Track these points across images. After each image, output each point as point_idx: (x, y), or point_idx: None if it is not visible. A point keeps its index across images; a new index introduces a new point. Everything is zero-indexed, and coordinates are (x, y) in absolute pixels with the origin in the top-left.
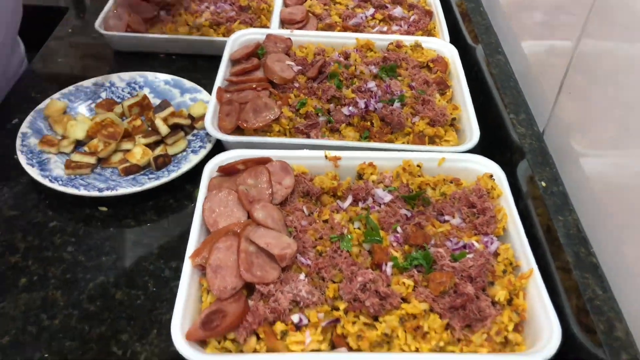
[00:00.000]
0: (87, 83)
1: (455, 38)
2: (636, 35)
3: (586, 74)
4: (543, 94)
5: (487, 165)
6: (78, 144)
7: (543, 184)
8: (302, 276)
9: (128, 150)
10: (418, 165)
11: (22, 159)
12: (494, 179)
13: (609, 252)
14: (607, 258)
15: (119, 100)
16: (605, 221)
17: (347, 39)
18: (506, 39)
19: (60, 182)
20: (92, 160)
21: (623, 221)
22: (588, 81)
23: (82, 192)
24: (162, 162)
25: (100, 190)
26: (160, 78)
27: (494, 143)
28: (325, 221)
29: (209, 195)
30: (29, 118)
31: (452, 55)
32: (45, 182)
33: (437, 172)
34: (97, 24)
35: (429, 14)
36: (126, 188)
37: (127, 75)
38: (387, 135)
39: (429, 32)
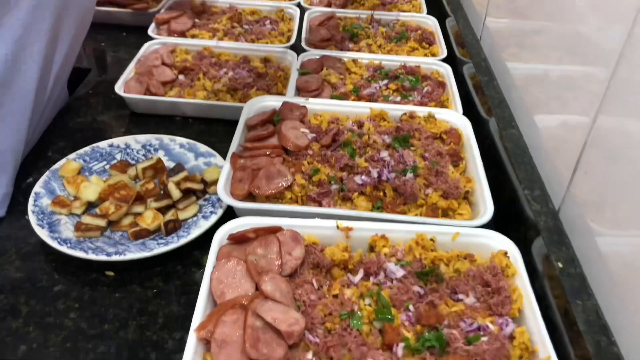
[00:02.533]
0: (103, 144)
1: (469, 110)
2: None
3: (602, 151)
4: (558, 170)
5: (501, 242)
6: (90, 206)
7: (560, 264)
8: (309, 355)
9: (139, 214)
10: (431, 239)
11: (33, 220)
12: (508, 257)
13: (632, 341)
14: (630, 348)
15: (133, 162)
16: (626, 307)
17: (361, 108)
18: (520, 112)
19: (69, 245)
20: (102, 223)
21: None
22: (604, 158)
23: (90, 256)
24: (172, 227)
25: (108, 254)
26: (176, 141)
27: (508, 218)
28: (335, 296)
29: (218, 265)
30: (43, 178)
31: (465, 127)
32: (54, 244)
33: (451, 247)
34: (117, 86)
35: (442, 85)
36: (134, 253)
37: (142, 138)
38: (399, 206)
39: (442, 104)
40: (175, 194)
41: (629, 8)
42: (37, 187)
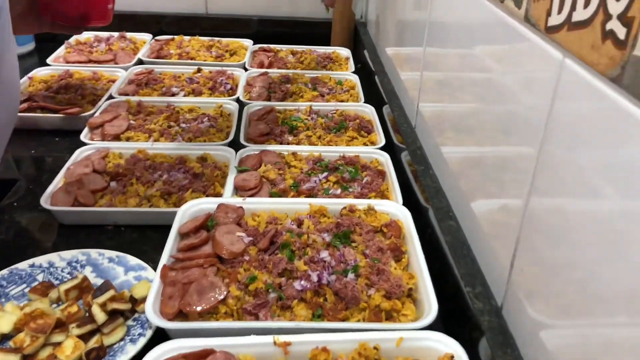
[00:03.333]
0: (23, 265)
1: (409, 198)
2: (583, 191)
3: (539, 235)
4: (498, 261)
5: (448, 345)
6: (4, 337)
7: None
8: None
9: (58, 344)
10: (375, 348)
11: None
12: None
13: None
14: None
15: (57, 282)
16: None
17: (301, 205)
18: (457, 201)
19: None
20: (15, 359)
21: None
22: (542, 243)
23: None
24: (96, 357)
25: None
26: (105, 255)
27: (453, 315)
28: None
29: None
30: None
31: (405, 218)
32: None
33: (396, 353)
34: (43, 199)
35: (382, 174)
36: None
37: (68, 254)
38: (341, 311)
39: (382, 193)
40: (100, 317)
41: (548, 83)
42: None
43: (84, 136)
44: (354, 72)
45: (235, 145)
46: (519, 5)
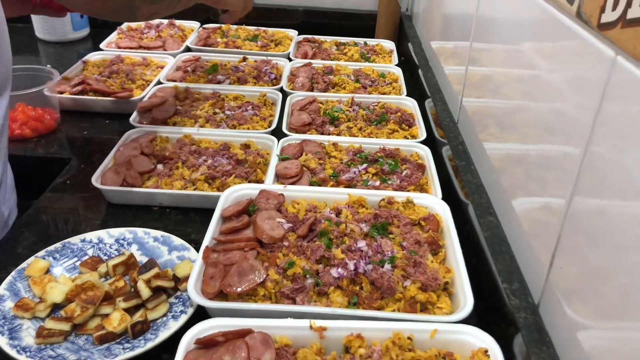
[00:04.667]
0: (75, 239)
1: (448, 193)
2: (630, 193)
3: (581, 236)
4: (536, 259)
5: (482, 339)
6: (56, 307)
7: None
8: None
9: (106, 315)
10: (409, 338)
11: None
12: (489, 355)
13: None
14: None
15: (105, 257)
16: None
17: (340, 195)
18: (497, 198)
19: (28, 354)
20: (66, 327)
21: None
22: (583, 244)
23: None
24: (140, 329)
25: None
26: (150, 234)
27: (489, 311)
28: None
29: None
30: (8, 279)
31: (444, 212)
32: (13, 352)
33: (430, 344)
34: (94, 178)
35: (422, 168)
36: None
37: (116, 232)
38: (376, 300)
39: (422, 187)
40: (145, 293)
41: (598, 82)
42: (1, 290)
43: (133, 119)
44: (397, 65)
45: (278, 133)
46: (571, 1)
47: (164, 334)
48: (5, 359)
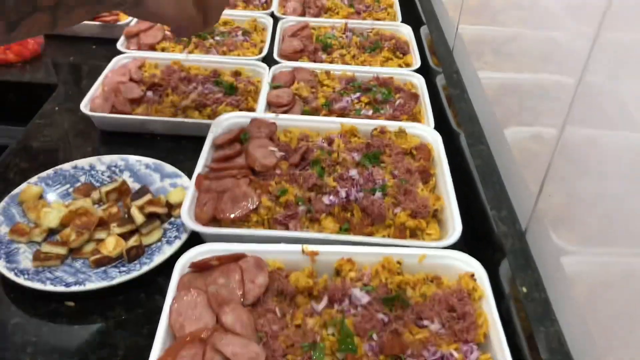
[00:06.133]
0: (67, 166)
1: (441, 123)
2: (621, 123)
3: (570, 165)
4: (526, 188)
5: (469, 264)
6: (51, 232)
7: (524, 289)
8: None
9: (101, 240)
10: (398, 262)
11: None
12: (475, 279)
13: None
14: None
15: (97, 184)
16: (587, 330)
17: (332, 124)
18: (489, 127)
19: (27, 276)
20: (62, 251)
21: (607, 332)
22: (572, 173)
23: (48, 287)
24: (135, 254)
25: (67, 284)
26: (142, 162)
27: (477, 238)
28: (298, 326)
29: (177, 297)
30: (2, 204)
31: (436, 142)
32: (11, 275)
33: (418, 269)
34: (83, 104)
35: (415, 97)
36: (95, 282)
37: (107, 159)
38: (367, 227)
39: (414, 117)
40: (139, 218)
41: (598, 8)
42: None
43: (120, 45)
44: None
45: (269, 61)
46: None
47: (159, 258)
48: (4, 282)
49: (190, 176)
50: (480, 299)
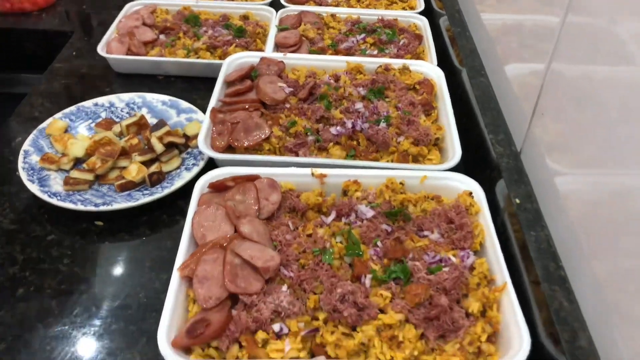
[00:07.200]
0: (88, 103)
1: (444, 61)
2: (611, 55)
3: (561, 95)
4: (521, 114)
5: (467, 183)
6: (77, 162)
7: (517, 200)
8: (284, 288)
9: (124, 168)
10: (401, 183)
11: (24, 176)
12: (473, 197)
13: (577, 266)
14: (575, 272)
15: (117, 119)
16: (575, 237)
17: (338, 62)
18: (489, 61)
19: (59, 198)
20: (90, 177)
21: (592, 237)
22: (564, 102)
23: (79, 207)
24: (157, 179)
25: (96, 205)
26: (158, 99)
27: (475, 162)
28: (309, 235)
29: (198, 210)
30: (31, 136)
31: (438, 77)
32: (45, 197)
33: (419, 190)
34: (100, 47)
35: (419, 38)
36: (121, 203)
37: (126, 96)
38: (372, 154)
39: (418, 56)
40: (158, 147)
41: None
42: (26, 145)
43: None
44: None
45: (275, 5)
46: None
47: (179, 182)
48: (38, 204)
49: (204, 112)
50: (477, 213)
